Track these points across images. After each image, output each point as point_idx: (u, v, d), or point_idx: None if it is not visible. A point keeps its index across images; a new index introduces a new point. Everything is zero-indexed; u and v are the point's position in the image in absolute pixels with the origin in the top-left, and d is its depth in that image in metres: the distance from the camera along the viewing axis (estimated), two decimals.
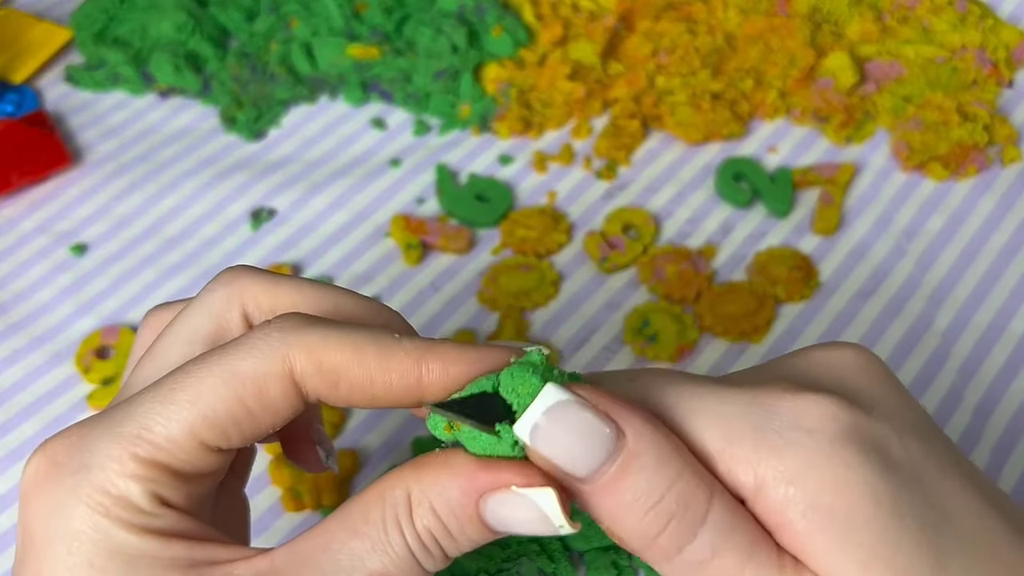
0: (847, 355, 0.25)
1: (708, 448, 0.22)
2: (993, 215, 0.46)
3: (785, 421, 0.22)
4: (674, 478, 0.22)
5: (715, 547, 0.22)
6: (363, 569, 0.22)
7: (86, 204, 0.47)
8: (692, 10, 0.52)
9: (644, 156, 0.48)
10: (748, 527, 0.22)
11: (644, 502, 0.22)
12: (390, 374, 0.23)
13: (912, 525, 0.22)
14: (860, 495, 0.22)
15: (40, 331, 0.43)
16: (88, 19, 0.54)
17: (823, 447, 0.22)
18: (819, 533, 0.22)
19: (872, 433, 0.22)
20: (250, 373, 0.23)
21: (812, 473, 0.22)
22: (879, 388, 0.24)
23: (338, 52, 0.51)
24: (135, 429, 0.23)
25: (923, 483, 0.22)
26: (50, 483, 0.22)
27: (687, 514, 0.22)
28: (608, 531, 0.23)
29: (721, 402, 0.23)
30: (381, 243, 0.46)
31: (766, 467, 0.22)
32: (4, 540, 0.37)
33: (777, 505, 0.22)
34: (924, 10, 0.53)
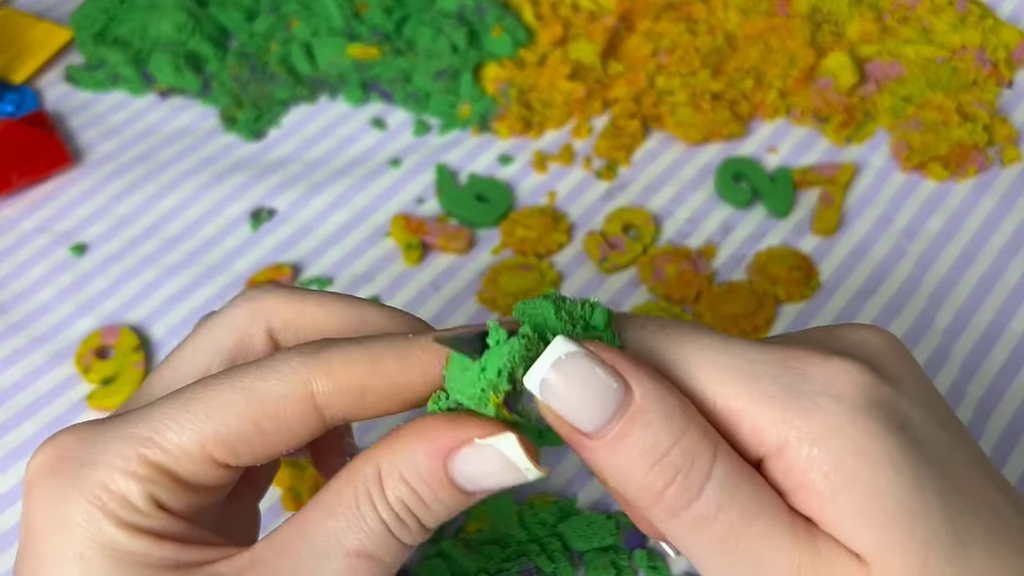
0: (875, 335, 0.25)
1: (733, 405, 0.23)
2: (993, 215, 0.46)
3: (814, 384, 0.22)
4: (679, 433, 0.22)
5: (720, 503, 0.22)
6: (340, 548, 0.23)
7: (86, 204, 0.47)
8: (692, 10, 0.52)
9: (644, 156, 0.48)
10: (755, 485, 0.22)
11: (650, 456, 0.22)
12: (411, 375, 0.24)
13: (933, 500, 0.22)
14: (882, 464, 0.22)
15: (40, 331, 0.43)
16: (88, 19, 0.54)
17: (849, 413, 0.22)
18: (840, 494, 0.22)
19: (898, 407, 0.23)
20: (270, 394, 0.23)
21: (836, 437, 0.22)
22: (905, 366, 0.24)
23: (338, 52, 0.51)
24: (147, 432, 0.23)
25: (943, 464, 0.23)
26: (54, 475, 0.23)
27: (692, 469, 0.22)
28: (615, 491, 0.23)
29: (749, 360, 0.23)
30: (381, 243, 0.46)
31: (791, 427, 0.22)
32: (4, 540, 0.37)
33: (800, 465, 0.22)
34: (924, 10, 0.53)
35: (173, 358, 0.27)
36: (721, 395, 0.23)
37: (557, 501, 0.36)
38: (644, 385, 0.22)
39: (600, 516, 0.36)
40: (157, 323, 0.43)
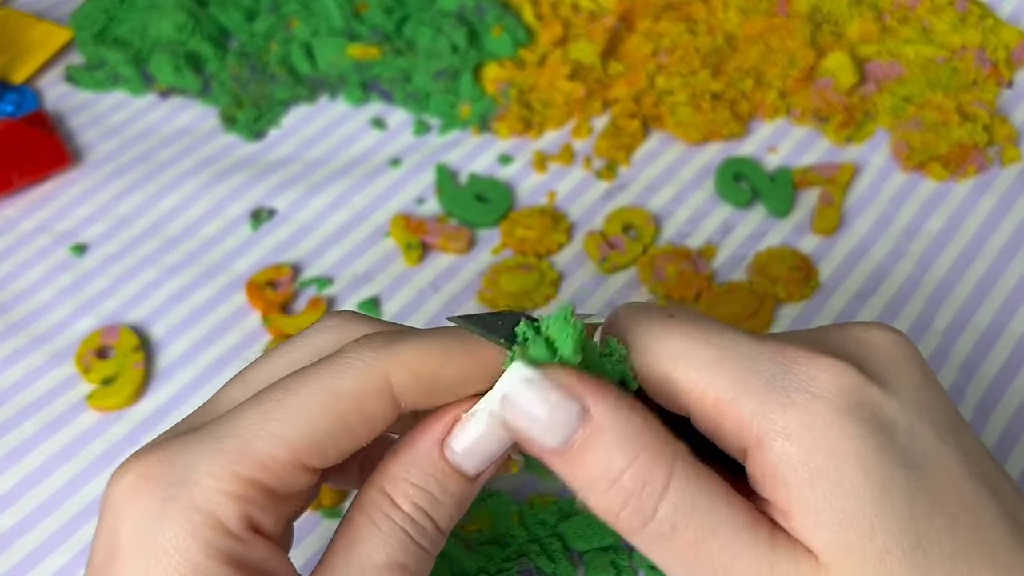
0: (881, 335, 0.25)
1: (719, 396, 0.23)
2: (993, 215, 0.46)
3: (795, 381, 0.23)
4: (633, 457, 0.22)
5: (675, 522, 0.23)
6: (372, 567, 0.23)
7: (86, 204, 0.47)
8: (692, 10, 0.52)
9: (644, 156, 0.48)
10: (713, 498, 0.23)
11: (606, 478, 0.23)
12: (480, 368, 0.24)
13: (898, 506, 0.22)
14: (851, 464, 0.22)
15: (40, 331, 0.43)
16: (88, 19, 0.54)
17: (825, 412, 0.22)
18: (805, 490, 0.22)
19: (880, 410, 0.23)
20: (350, 391, 0.23)
21: (809, 434, 0.22)
22: (904, 368, 0.24)
23: (338, 52, 0.51)
24: (237, 445, 0.22)
25: (924, 469, 0.23)
26: (143, 495, 0.22)
27: (644, 492, 0.22)
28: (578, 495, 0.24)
29: (739, 355, 0.24)
30: (381, 243, 0.46)
31: (769, 421, 0.23)
32: (4, 540, 0.37)
33: (773, 458, 0.23)
34: (924, 10, 0.53)
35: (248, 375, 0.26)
36: (711, 388, 0.23)
37: (557, 501, 0.36)
38: (602, 407, 0.23)
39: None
40: (157, 323, 0.43)
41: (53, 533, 0.37)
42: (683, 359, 0.24)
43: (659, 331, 0.24)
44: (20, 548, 0.37)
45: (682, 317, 0.25)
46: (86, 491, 0.38)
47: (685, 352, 0.24)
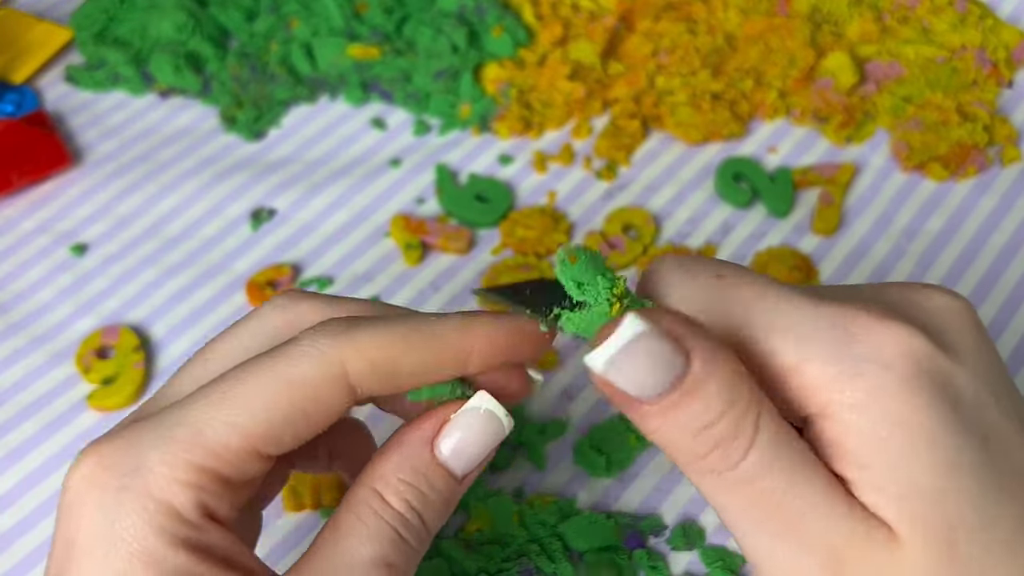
0: (944, 297, 0.24)
1: (782, 362, 0.22)
2: (993, 215, 0.46)
3: (863, 349, 0.22)
4: (730, 404, 0.22)
5: (760, 469, 0.22)
6: (359, 562, 0.23)
7: (86, 204, 0.47)
8: (692, 10, 0.52)
9: (644, 156, 0.48)
10: (794, 450, 0.22)
11: (699, 424, 0.22)
12: (441, 355, 0.24)
13: (967, 479, 0.22)
14: (919, 436, 0.21)
15: (40, 331, 0.43)
16: (88, 19, 0.54)
17: (894, 382, 0.22)
18: (873, 463, 0.22)
19: (948, 377, 0.22)
20: (305, 379, 0.23)
21: (877, 405, 0.22)
22: (969, 336, 0.24)
23: (338, 52, 0.51)
24: (189, 433, 0.23)
25: (988, 442, 0.22)
26: (98, 486, 0.22)
27: (737, 438, 0.22)
28: (655, 442, 0.23)
29: (804, 318, 0.23)
30: (381, 243, 0.46)
31: (834, 391, 0.22)
32: (4, 540, 0.37)
33: (840, 429, 0.22)
34: (924, 10, 0.53)
35: (193, 366, 0.26)
36: (773, 351, 0.22)
37: (557, 501, 0.36)
38: (704, 356, 0.22)
39: (600, 516, 0.36)
40: (157, 323, 0.43)
41: (53, 533, 0.37)
42: (741, 325, 0.23)
43: (710, 292, 0.23)
44: (20, 548, 0.37)
45: (733, 278, 0.23)
46: None
47: (743, 317, 0.23)
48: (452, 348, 0.24)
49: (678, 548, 0.36)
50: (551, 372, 0.40)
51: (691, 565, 0.35)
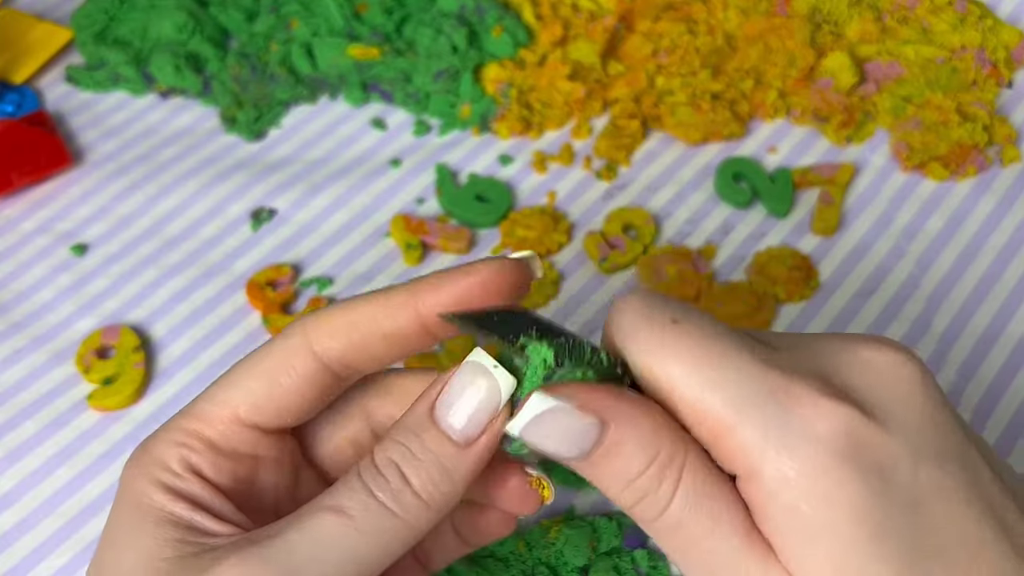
0: (890, 361, 0.24)
1: (719, 422, 0.23)
2: (993, 215, 0.46)
3: (797, 422, 0.22)
4: (649, 461, 0.23)
5: (681, 520, 0.23)
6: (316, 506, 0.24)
7: (86, 204, 0.47)
8: (692, 10, 0.53)
9: (644, 156, 0.48)
10: (714, 503, 0.23)
11: (623, 480, 0.23)
12: (390, 309, 0.26)
13: (891, 549, 0.22)
14: (843, 513, 0.22)
15: (40, 331, 0.43)
16: (88, 19, 0.54)
17: (823, 460, 0.22)
18: (794, 535, 0.22)
19: (881, 454, 0.22)
20: (277, 351, 0.26)
21: (802, 481, 0.22)
22: (910, 404, 0.24)
23: (338, 52, 0.51)
24: (187, 409, 0.27)
25: (923, 506, 0.22)
26: (130, 460, 0.27)
27: (660, 489, 0.23)
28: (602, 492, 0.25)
29: (744, 382, 0.23)
30: (381, 243, 0.46)
31: (765, 460, 0.22)
32: (4, 540, 0.37)
33: (764, 497, 0.23)
34: (924, 10, 0.53)
35: None
36: (707, 410, 0.23)
37: (562, 528, 0.36)
38: (620, 419, 0.23)
39: (601, 519, 0.36)
40: (157, 323, 0.43)
41: (53, 533, 0.37)
42: (683, 377, 0.23)
43: (660, 340, 0.24)
44: (20, 548, 0.37)
45: (687, 325, 0.24)
46: (86, 491, 0.38)
47: (685, 370, 0.23)
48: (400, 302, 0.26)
49: None
50: None
51: None
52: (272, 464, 0.27)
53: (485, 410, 0.24)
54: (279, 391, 0.26)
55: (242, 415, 0.26)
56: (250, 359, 0.27)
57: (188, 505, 0.25)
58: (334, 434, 0.29)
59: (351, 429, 0.29)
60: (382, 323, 0.26)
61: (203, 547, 0.24)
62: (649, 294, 0.25)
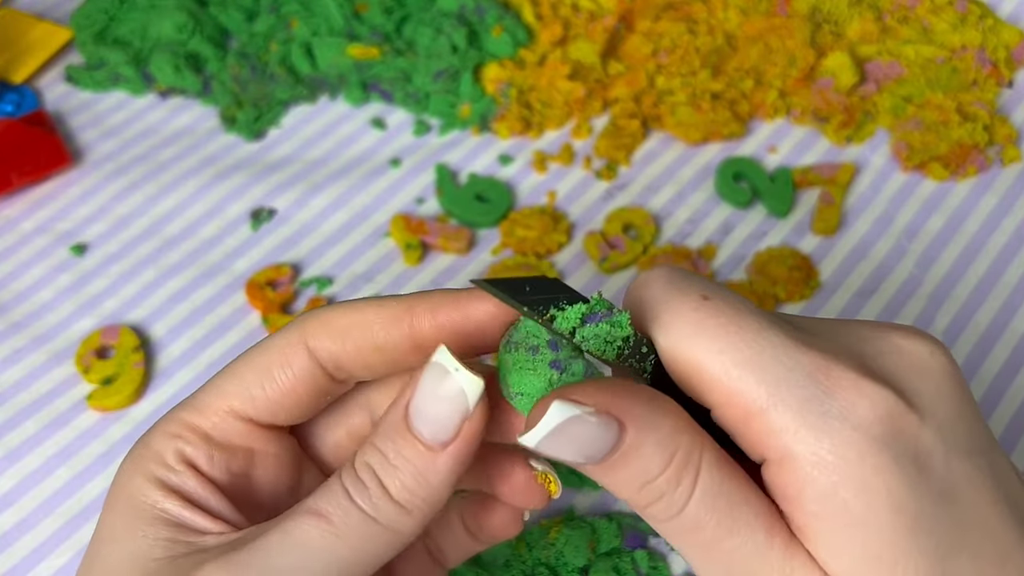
0: (923, 350, 0.24)
1: (749, 401, 0.22)
2: (993, 215, 0.46)
3: (835, 406, 0.22)
4: (667, 461, 0.22)
5: (699, 518, 0.22)
6: (298, 510, 0.24)
7: (86, 204, 0.47)
8: (692, 10, 0.52)
9: (644, 156, 0.48)
10: (733, 501, 0.22)
11: (640, 481, 0.22)
12: (385, 320, 0.25)
13: (926, 542, 0.22)
14: (881, 500, 0.21)
15: (40, 331, 0.43)
16: (88, 19, 0.54)
17: (861, 445, 0.22)
18: (827, 521, 0.22)
19: (918, 442, 0.22)
20: (274, 346, 0.26)
21: (840, 465, 0.22)
22: (942, 395, 0.23)
23: (338, 52, 0.51)
24: (185, 403, 0.27)
25: (955, 498, 0.22)
26: (129, 452, 0.27)
27: (677, 490, 0.22)
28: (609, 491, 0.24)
29: (779, 361, 0.22)
30: (381, 243, 0.46)
31: (800, 442, 0.22)
32: (4, 540, 0.37)
33: (798, 481, 0.22)
34: (924, 10, 0.53)
35: None
36: (742, 390, 0.22)
37: (562, 528, 0.36)
38: (638, 421, 0.22)
39: (601, 520, 0.36)
40: (157, 323, 0.43)
41: (53, 533, 0.37)
42: (715, 355, 0.22)
43: (691, 317, 0.23)
44: (20, 548, 0.37)
45: (717, 302, 0.23)
46: (86, 491, 0.38)
47: (718, 348, 0.22)
48: (395, 314, 0.25)
49: None
50: None
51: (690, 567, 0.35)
52: (270, 460, 0.27)
53: (454, 414, 0.23)
54: (273, 386, 0.26)
55: (236, 407, 0.26)
56: (248, 353, 0.27)
57: (181, 502, 0.25)
58: (335, 428, 0.29)
59: (352, 423, 0.29)
60: (376, 333, 0.25)
61: (192, 547, 0.24)
62: (675, 268, 0.24)
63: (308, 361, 0.26)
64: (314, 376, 0.26)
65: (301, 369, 0.26)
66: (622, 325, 0.23)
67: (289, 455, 0.28)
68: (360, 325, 0.25)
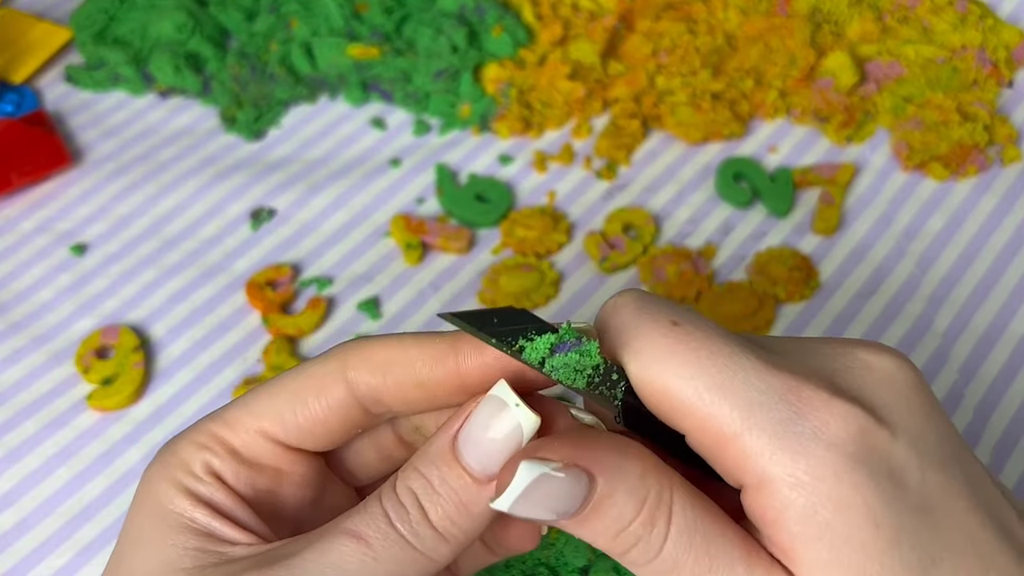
0: (890, 366, 0.24)
1: (726, 427, 0.22)
2: (993, 215, 0.46)
3: (808, 427, 0.22)
4: (640, 506, 0.22)
5: (676, 558, 0.23)
6: (335, 528, 0.24)
7: (86, 204, 0.47)
8: (692, 10, 0.52)
9: (644, 156, 0.48)
10: (708, 536, 0.23)
11: (615, 529, 0.23)
12: (429, 358, 0.25)
13: (908, 555, 0.22)
14: (860, 517, 0.22)
15: (40, 331, 0.43)
16: (88, 19, 0.54)
17: (836, 464, 0.22)
18: (811, 543, 0.22)
19: (891, 457, 0.22)
20: (312, 372, 0.26)
21: (818, 485, 0.22)
22: (911, 407, 0.24)
23: (338, 52, 0.51)
24: (217, 415, 0.27)
25: (932, 510, 0.22)
26: (155, 459, 0.26)
27: (652, 532, 0.23)
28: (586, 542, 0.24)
29: (749, 384, 0.22)
30: (381, 243, 0.46)
31: (776, 465, 0.22)
32: (4, 540, 0.37)
33: (778, 504, 0.22)
34: (924, 10, 0.53)
35: None
36: (713, 415, 0.22)
37: None
38: (606, 471, 0.22)
39: None
40: (157, 323, 0.43)
41: (53, 533, 0.37)
42: (687, 380, 0.23)
43: (661, 343, 0.23)
44: (20, 548, 0.37)
45: (688, 326, 0.23)
46: (86, 491, 0.38)
47: (689, 373, 0.23)
48: (439, 353, 0.25)
49: None
50: None
51: None
52: (296, 479, 0.27)
53: (506, 448, 0.23)
54: (305, 413, 0.26)
55: (266, 428, 0.26)
56: (285, 375, 0.26)
57: (208, 511, 0.25)
58: (359, 439, 0.28)
59: (376, 435, 0.28)
60: (419, 370, 0.25)
61: (222, 558, 0.24)
62: (643, 294, 0.25)
63: (344, 393, 0.26)
64: (348, 408, 0.26)
65: (336, 400, 0.26)
66: (591, 354, 0.23)
67: (315, 474, 0.27)
68: (403, 361, 0.25)
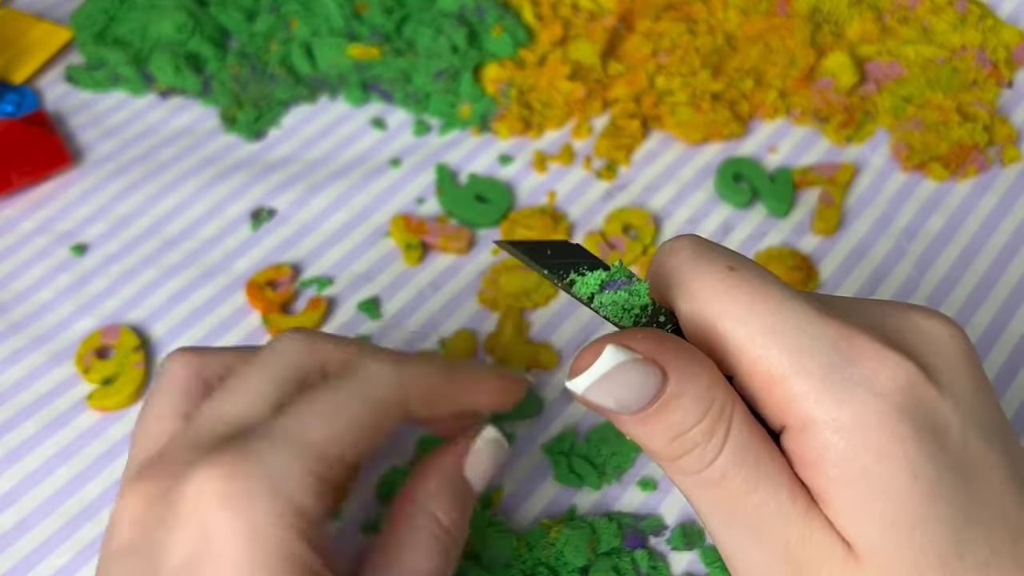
0: (943, 332, 0.25)
1: (772, 369, 0.23)
2: (993, 215, 0.46)
3: (857, 374, 0.22)
4: (703, 413, 0.23)
5: (725, 472, 0.23)
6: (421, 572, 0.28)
7: (86, 204, 0.47)
8: (692, 10, 0.52)
9: (644, 156, 0.48)
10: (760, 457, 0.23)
11: (674, 432, 0.23)
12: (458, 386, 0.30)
13: (943, 510, 0.22)
14: (899, 467, 0.22)
15: (40, 331, 0.43)
16: (88, 19, 0.54)
17: (882, 412, 0.22)
18: (848, 487, 0.22)
19: (936, 414, 0.22)
20: (382, 398, 0.28)
21: (862, 432, 0.22)
22: (961, 372, 0.24)
23: (338, 52, 0.51)
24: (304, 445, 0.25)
25: (970, 475, 0.22)
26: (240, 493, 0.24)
27: (709, 443, 0.23)
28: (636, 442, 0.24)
29: (803, 329, 0.23)
30: (381, 243, 0.46)
31: (822, 409, 0.22)
32: (4, 540, 0.37)
33: (818, 447, 0.22)
34: (924, 10, 0.53)
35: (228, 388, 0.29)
36: (765, 356, 0.23)
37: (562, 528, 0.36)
38: (680, 372, 0.22)
39: (601, 520, 0.36)
40: (157, 323, 0.43)
41: (53, 533, 0.37)
42: (740, 323, 0.23)
43: (718, 287, 0.23)
44: (20, 548, 0.37)
45: (744, 272, 0.24)
46: (86, 491, 0.38)
47: (744, 316, 0.23)
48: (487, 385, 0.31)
49: (678, 548, 0.36)
50: (551, 372, 0.40)
51: (691, 565, 0.35)
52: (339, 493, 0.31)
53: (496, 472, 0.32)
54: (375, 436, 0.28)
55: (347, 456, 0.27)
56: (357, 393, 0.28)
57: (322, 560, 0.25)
58: None
59: None
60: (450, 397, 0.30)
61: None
62: (700, 239, 0.25)
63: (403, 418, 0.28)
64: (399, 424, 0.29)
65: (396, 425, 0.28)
66: (640, 294, 0.24)
67: None
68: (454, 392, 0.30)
